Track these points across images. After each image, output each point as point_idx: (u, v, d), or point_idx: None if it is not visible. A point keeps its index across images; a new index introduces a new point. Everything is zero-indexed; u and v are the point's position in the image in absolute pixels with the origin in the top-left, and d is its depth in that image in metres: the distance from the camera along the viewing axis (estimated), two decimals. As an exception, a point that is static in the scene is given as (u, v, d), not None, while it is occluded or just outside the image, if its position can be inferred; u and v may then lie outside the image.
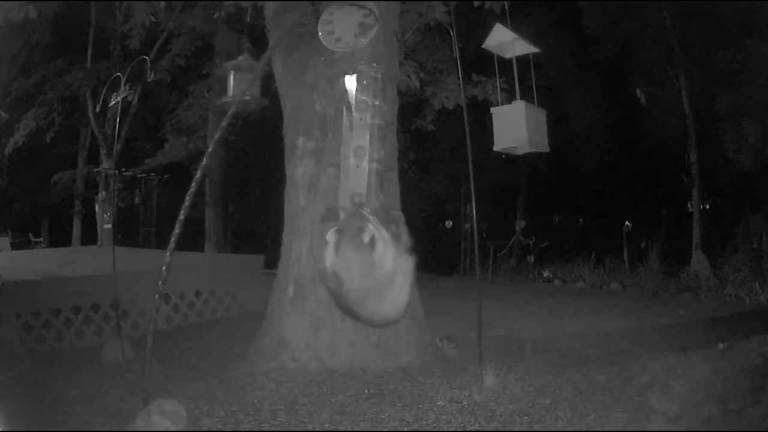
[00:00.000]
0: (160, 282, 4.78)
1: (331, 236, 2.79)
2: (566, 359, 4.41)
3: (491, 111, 4.17)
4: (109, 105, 5.92)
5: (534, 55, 4.33)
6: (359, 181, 3.34)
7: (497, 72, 4.57)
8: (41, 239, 16.05)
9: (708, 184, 12.11)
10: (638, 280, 9.42)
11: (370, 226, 2.74)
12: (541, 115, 4.16)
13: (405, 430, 3.10)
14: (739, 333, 5.11)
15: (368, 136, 3.43)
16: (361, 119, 3.43)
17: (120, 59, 11.50)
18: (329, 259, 2.78)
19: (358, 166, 3.37)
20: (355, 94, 3.49)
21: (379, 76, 3.62)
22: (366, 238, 2.68)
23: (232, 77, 4.46)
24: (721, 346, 4.47)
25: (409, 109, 7.18)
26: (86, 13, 12.39)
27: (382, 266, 2.72)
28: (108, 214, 10.43)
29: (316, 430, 3.13)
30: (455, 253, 14.87)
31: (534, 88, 4.32)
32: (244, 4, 5.31)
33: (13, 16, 5.41)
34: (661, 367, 3.90)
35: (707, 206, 14.54)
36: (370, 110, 3.49)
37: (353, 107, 3.48)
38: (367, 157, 3.39)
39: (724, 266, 8.92)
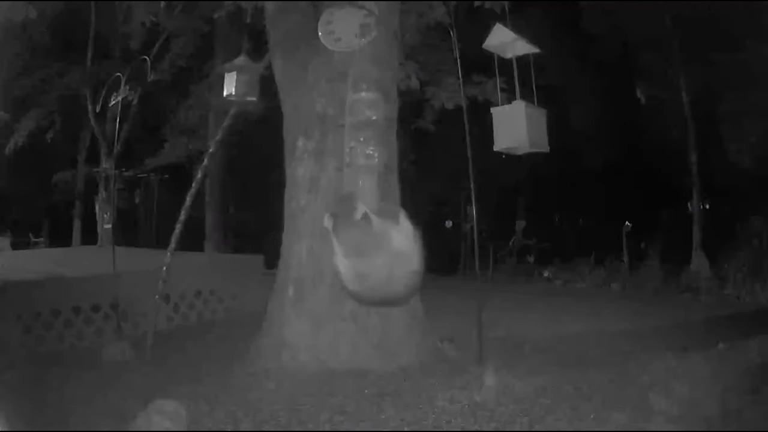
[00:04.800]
0: (160, 282, 4.82)
1: (327, 221, 2.83)
2: (566, 359, 4.41)
3: (491, 111, 4.17)
4: (109, 105, 5.92)
5: (534, 55, 4.32)
6: (364, 181, 3.35)
7: (497, 72, 4.56)
8: (41, 239, 16.03)
9: (708, 184, 12.10)
10: (638, 280, 9.42)
11: (360, 204, 2.78)
12: (541, 115, 4.16)
13: (405, 430, 3.10)
14: (739, 333, 5.11)
15: (370, 137, 3.45)
16: (363, 120, 3.44)
17: (120, 59, 11.49)
18: (338, 260, 2.80)
19: (362, 167, 3.38)
20: (357, 95, 3.51)
21: (381, 76, 3.64)
22: (359, 215, 2.71)
23: (229, 77, 4.48)
24: (721, 346, 4.48)
25: (409, 109, 7.17)
26: (86, 14, 12.38)
27: (388, 238, 2.75)
28: (108, 214, 10.43)
29: (317, 430, 3.13)
30: (455, 254, 14.86)
31: (534, 88, 4.32)
32: (244, 4, 5.31)
33: (13, 16, 5.41)
34: (662, 367, 3.91)
35: (707, 206, 14.52)
36: (373, 111, 3.51)
37: (355, 108, 3.50)
38: (378, 155, 3.41)
39: (724, 266, 8.92)
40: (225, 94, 4.50)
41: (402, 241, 2.81)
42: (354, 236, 2.73)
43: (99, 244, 10.65)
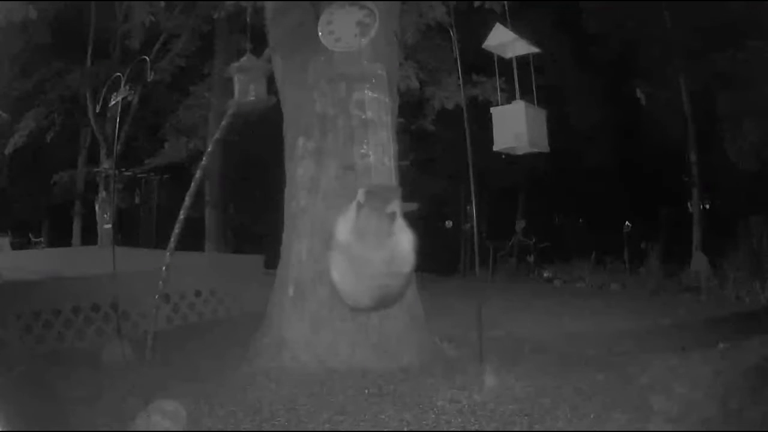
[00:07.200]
0: (160, 282, 4.82)
1: (361, 195, 2.81)
2: (566, 360, 4.41)
3: (491, 111, 4.17)
4: (109, 105, 5.92)
5: (534, 55, 4.33)
6: (383, 179, 3.34)
7: (497, 72, 4.56)
8: (41, 239, 16.03)
9: (708, 184, 12.11)
10: (638, 280, 9.42)
11: (397, 200, 2.77)
12: (541, 115, 4.16)
13: (405, 430, 3.10)
14: (739, 333, 5.12)
15: (385, 133, 3.44)
16: (374, 117, 3.43)
17: (120, 59, 11.50)
18: (349, 225, 2.78)
19: (382, 164, 3.37)
20: (366, 93, 3.50)
21: (385, 73, 3.64)
22: (390, 209, 2.71)
23: (237, 79, 4.48)
24: (721, 346, 4.48)
25: (409, 109, 7.18)
26: (86, 14, 12.39)
27: (398, 241, 2.74)
28: (108, 214, 10.43)
29: (316, 430, 3.13)
30: (455, 254, 14.86)
31: (534, 88, 4.32)
32: (244, 4, 5.31)
33: (13, 16, 5.42)
34: (661, 367, 3.91)
35: (707, 206, 14.53)
36: (383, 107, 3.51)
37: (366, 106, 3.49)
38: (387, 154, 3.40)
39: (724, 266, 8.91)
40: (236, 96, 4.51)
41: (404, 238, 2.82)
42: (373, 225, 2.72)
43: (99, 244, 10.64)
